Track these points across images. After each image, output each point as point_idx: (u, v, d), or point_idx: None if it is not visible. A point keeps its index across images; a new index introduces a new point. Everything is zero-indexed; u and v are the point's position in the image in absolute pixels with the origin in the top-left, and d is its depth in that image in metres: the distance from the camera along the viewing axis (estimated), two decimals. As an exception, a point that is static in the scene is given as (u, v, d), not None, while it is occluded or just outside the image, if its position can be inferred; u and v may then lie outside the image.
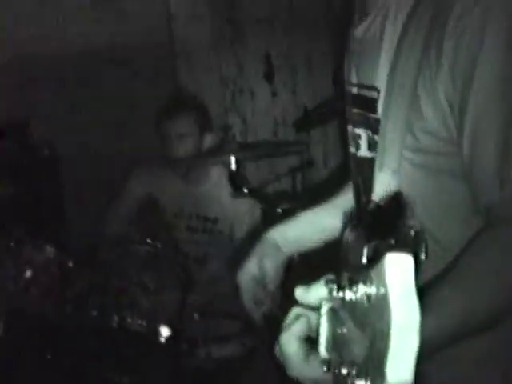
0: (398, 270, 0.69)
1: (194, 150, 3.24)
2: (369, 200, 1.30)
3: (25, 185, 3.11)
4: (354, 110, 1.37)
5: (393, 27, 1.22)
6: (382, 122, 1.23)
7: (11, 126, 3.97)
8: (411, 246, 0.75)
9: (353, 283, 0.77)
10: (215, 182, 3.32)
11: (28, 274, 2.59)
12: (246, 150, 2.92)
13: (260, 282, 1.61)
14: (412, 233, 0.78)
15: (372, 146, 1.31)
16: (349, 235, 0.87)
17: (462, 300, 1.05)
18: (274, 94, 4.58)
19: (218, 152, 3.03)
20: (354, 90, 1.37)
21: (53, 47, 4.36)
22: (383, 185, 1.22)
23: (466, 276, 1.07)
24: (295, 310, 1.03)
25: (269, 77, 4.57)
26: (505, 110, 1.08)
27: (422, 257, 0.76)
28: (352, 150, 1.40)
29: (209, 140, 3.31)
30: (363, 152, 1.35)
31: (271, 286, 1.63)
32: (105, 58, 4.42)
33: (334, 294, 0.85)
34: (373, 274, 0.72)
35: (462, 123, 1.11)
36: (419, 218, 0.85)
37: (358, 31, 1.33)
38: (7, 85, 4.32)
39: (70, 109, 4.38)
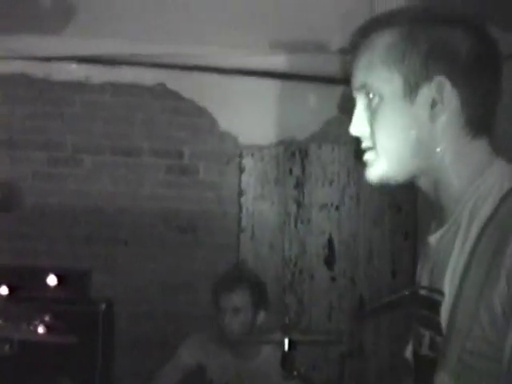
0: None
1: (248, 326, 3.29)
2: None
3: (78, 336, 3.14)
4: (422, 312, 1.43)
5: (463, 238, 1.30)
6: (446, 326, 1.29)
7: (73, 275, 4.04)
8: None
9: None
10: (265, 360, 3.31)
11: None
12: (300, 334, 2.95)
13: None
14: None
15: (434, 346, 1.35)
16: None
17: None
18: (333, 279, 4.63)
19: (272, 331, 3.06)
20: (424, 292, 1.44)
21: (121, 205, 4.54)
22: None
23: None
24: None
25: (329, 262, 4.63)
26: None
27: None
28: (415, 347, 1.46)
29: (262, 317, 3.35)
30: (425, 351, 1.40)
31: None
32: (171, 222, 4.57)
33: None
34: None
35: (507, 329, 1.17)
36: None
37: (434, 238, 1.41)
38: (75, 236, 4.48)
39: (131, 267, 4.49)
